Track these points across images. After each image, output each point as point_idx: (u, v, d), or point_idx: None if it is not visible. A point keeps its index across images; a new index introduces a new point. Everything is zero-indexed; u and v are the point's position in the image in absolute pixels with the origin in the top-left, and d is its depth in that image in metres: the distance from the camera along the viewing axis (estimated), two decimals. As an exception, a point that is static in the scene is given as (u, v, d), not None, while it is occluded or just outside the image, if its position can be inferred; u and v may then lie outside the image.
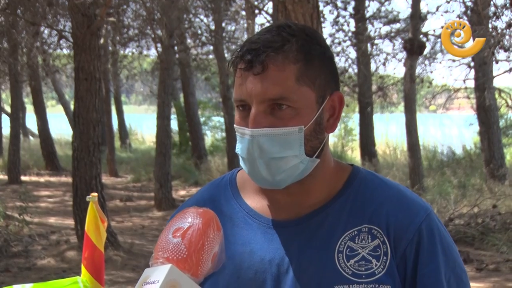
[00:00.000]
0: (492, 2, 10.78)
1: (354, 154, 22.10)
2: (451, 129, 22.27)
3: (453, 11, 29.09)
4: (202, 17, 19.60)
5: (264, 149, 1.59)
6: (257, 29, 17.55)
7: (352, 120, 25.00)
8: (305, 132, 1.61)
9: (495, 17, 10.95)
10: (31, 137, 29.88)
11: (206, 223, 1.52)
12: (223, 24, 18.83)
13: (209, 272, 1.53)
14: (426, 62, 19.26)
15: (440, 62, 20.69)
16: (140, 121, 33.39)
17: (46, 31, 16.92)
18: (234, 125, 1.66)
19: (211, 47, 19.42)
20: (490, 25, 11.07)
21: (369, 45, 18.73)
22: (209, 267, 1.52)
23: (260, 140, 1.59)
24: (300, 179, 1.65)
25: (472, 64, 15.33)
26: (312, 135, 1.63)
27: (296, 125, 1.60)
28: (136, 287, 1.48)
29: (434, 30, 20.11)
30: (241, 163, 1.67)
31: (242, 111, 1.64)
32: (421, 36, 15.16)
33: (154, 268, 1.49)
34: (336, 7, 17.76)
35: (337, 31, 18.00)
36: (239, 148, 1.65)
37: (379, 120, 23.60)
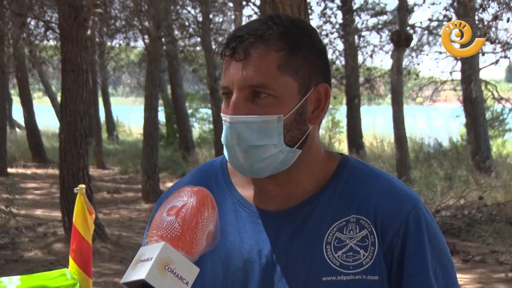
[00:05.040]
0: (478, -5, 10.82)
1: (342, 146, 22.12)
2: (438, 121, 22.31)
3: (440, 3, 29.06)
4: (189, 8, 19.58)
5: (242, 137, 1.60)
6: (244, 20, 17.52)
7: (339, 112, 25.02)
8: (284, 122, 1.61)
9: (481, 9, 11.00)
10: (17, 129, 29.71)
11: (201, 202, 1.52)
12: (211, 16, 18.81)
13: (204, 251, 1.53)
14: (413, 54, 19.34)
15: (427, 54, 20.80)
16: (127, 113, 33.27)
17: (32, 22, 16.84)
18: (221, 113, 1.67)
19: (199, 39, 19.38)
20: (476, 17, 11.12)
21: (356, 37, 18.76)
22: (204, 246, 1.52)
23: (238, 127, 1.60)
24: (285, 169, 1.65)
25: (458, 56, 15.34)
26: (293, 125, 1.62)
27: (276, 114, 1.60)
28: (131, 265, 1.49)
29: (421, 22, 20.13)
30: (224, 151, 1.67)
31: (226, 99, 1.64)
32: (408, 28, 15.18)
33: (148, 246, 1.49)
34: (323, -1, 17.75)
35: (325, 23, 18.02)
36: (222, 136, 1.65)
37: (366, 112, 23.63)
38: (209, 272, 1.69)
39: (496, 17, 10.79)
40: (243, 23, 16.65)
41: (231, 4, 19.07)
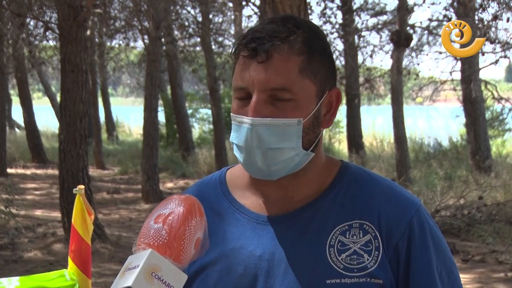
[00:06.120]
0: (478, -6, 10.82)
1: (342, 146, 22.12)
2: (438, 121, 22.33)
3: (440, 3, 29.22)
4: (189, 8, 19.56)
5: (263, 139, 1.59)
6: (244, 20, 17.54)
7: (339, 112, 24.97)
8: (303, 125, 1.62)
9: (481, 9, 11.00)
10: (17, 129, 29.70)
11: (188, 209, 1.52)
12: (210, 16, 18.79)
13: (193, 259, 1.53)
14: (413, 54, 19.36)
15: (427, 54, 20.81)
16: (127, 113, 33.27)
17: (32, 23, 16.84)
18: (231, 113, 1.66)
19: (198, 39, 19.37)
20: (476, 17, 11.11)
21: (356, 37, 18.75)
22: (192, 253, 1.52)
23: (259, 130, 1.59)
24: (293, 172, 1.66)
25: (458, 56, 15.33)
26: (310, 128, 1.64)
27: (296, 117, 1.61)
28: (119, 273, 1.48)
29: (421, 22, 20.17)
30: (236, 152, 1.66)
31: (241, 100, 1.64)
32: (408, 28, 15.18)
33: (136, 254, 1.49)
34: (323, -1, 17.74)
35: (324, 23, 18.00)
36: (235, 137, 1.64)
37: (366, 112, 23.62)
38: (210, 281, 1.69)
39: (496, 17, 10.79)
40: (243, 23, 16.53)
41: (230, 4, 19.07)
